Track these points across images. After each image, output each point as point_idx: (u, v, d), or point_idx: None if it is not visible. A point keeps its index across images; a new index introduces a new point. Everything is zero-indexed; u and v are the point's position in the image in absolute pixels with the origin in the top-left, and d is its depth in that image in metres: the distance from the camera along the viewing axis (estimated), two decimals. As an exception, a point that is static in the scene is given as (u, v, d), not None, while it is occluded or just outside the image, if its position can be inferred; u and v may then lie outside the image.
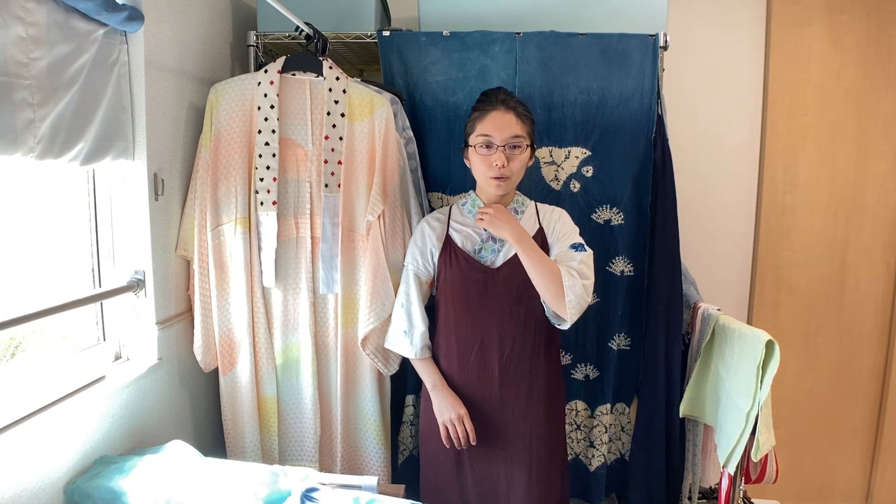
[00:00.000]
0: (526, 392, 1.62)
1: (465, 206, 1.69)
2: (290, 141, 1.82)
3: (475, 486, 1.66)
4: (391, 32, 1.97)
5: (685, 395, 1.92)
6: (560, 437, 1.73)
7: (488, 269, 1.61)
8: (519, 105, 1.59)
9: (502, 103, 1.57)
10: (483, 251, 1.63)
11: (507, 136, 1.54)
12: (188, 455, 1.47)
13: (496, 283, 1.60)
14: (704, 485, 2.04)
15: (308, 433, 1.91)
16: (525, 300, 1.59)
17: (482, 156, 1.56)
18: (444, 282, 1.65)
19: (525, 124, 1.58)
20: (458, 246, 1.63)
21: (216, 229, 1.78)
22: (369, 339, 1.81)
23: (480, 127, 1.57)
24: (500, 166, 1.53)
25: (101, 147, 1.43)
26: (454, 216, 1.69)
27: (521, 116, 1.57)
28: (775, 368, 1.56)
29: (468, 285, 1.61)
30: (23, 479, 1.22)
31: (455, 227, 1.66)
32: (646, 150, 1.95)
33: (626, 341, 2.04)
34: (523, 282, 1.55)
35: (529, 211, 1.67)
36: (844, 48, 2.48)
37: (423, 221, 1.72)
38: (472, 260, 1.62)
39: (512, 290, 1.59)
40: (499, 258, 1.62)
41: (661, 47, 1.93)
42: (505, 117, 1.55)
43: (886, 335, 2.60)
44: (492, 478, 1.65)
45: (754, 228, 2.61)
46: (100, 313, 1.61)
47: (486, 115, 1.56)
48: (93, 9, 1.32)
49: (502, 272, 1.60)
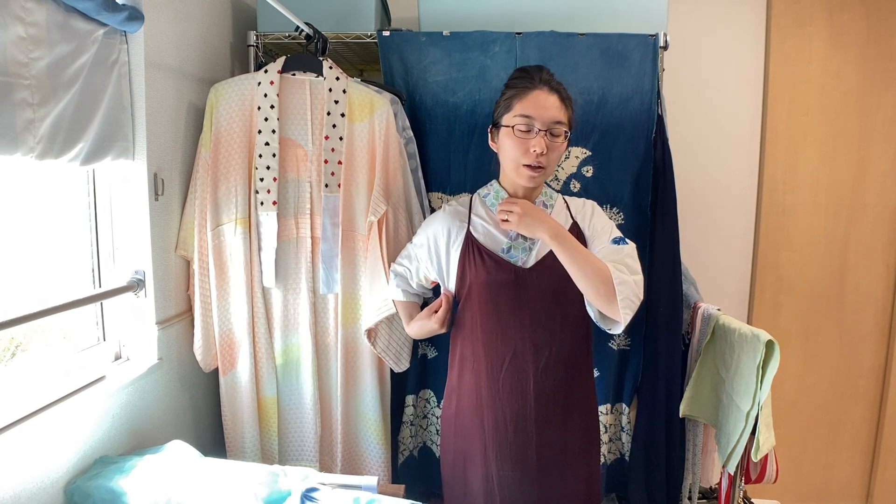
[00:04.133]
0: (563, 410, 1.44)
1: (487, 197, 1.49)
2: (290, 141, 1.82)
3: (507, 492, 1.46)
4: (391, 32, 1.97)
5: (685, 395, 1.92)
6: (595, 459, 1.55)
7: (520, 270, 1.41)
8: (562, 88, 1.41)
9: (545, 83, 1.38)
10: (513, 250, 1.43)
11: (549, 119, 1.34)
12: (188, 455, 1.46)
13: (528, 286, 1.40)
14: (704, 485, 2.04)
15: (308, 433, 1.91)
16: (563, 304, 1.41)
17: (519, 139, 1.35)
18: (467, 287, 1.45)
19: (568, 110, 1.40)
20: (482, 245, 1.43)
21: (216, 229, 1.78)
22: (378, 337, 1.81)
23: (520, 106, 1.36)
24: (539, 153, 1.33)
25: (101, 147, 1.43)
26: (475, 209, 1.48)
27: (564, 101, 1.39)
28: (775, 368, 1.56)
29: (497, 290, 1.41)
30: (23, 479, 1.22)
31: (477, 224, 1.46)
32: (646, 150, 1.95)
33: (626, 341, 2.04)
34: (559, 283, 1.37)
35: (559, 205, 1.48)
36: (844, 48, 2.48)
37: (439, 215, 1.52)
38: (501, 260, 1.42)
39: (547, 293, 1.40)
40: (531, 258, 1.42)
41: (661, 47, 1.93)
42: (550, 99, 1.36)
43: (886, 335, 2.60)
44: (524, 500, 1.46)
45: (754, 228, 2.61)
46: (100, 313, 1.61)
47: (528, 94, 1.37)
48: (93, 9, 1.32)
49: (535, 273, 1.41)
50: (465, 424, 1.50)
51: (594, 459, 1.55)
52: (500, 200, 1.44)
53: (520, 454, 1.43)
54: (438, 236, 1.50)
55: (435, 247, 1.50)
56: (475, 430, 1.47)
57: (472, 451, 1.50)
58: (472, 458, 1.50)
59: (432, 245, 1.50)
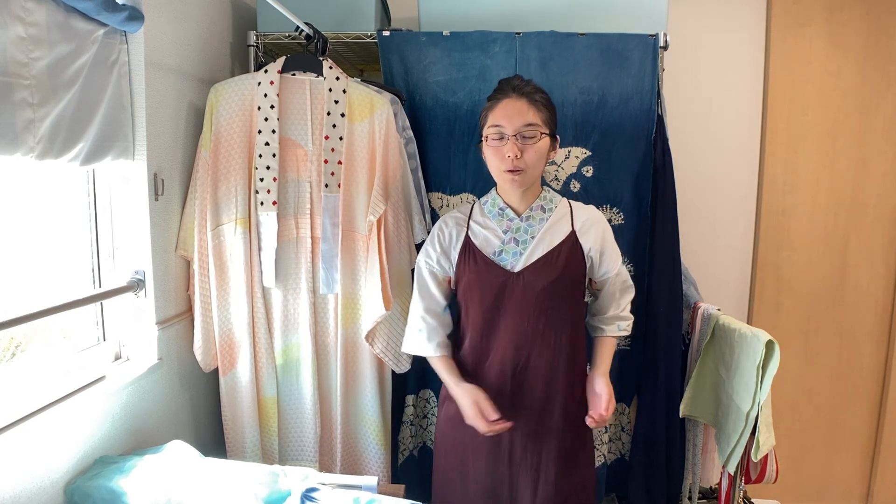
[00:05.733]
0: (539, 412, 1.49)
1: (486, 205, 1.56)
2: (290, 141, 1.82)
3: (482, 502, 1.54)
4: (391, 32, 1.97)
5: (685, 395, 1.92)
6: (579, 463, 1.55)
7: (508, 273, 1.48)
8: (535, 91, 1.45)
9: (514, 90, 1.44)
10: (504, 254, 1.50)
11: (518, 124, 1.41)
12: (188, 455, 1.46)
13: (515, 288, 1.47)
14: (704, 485, 2.04)
15: (308, 433, 1.91)
16: (546, 310, 1.47)
17: (494, 148, 1.44)
18: (462, 284, 1.54)
19: (541, 111, 1.44)
20: (476, 247, 1.52)
21: (216, 229, 1.78)
22: (377, 338, 1.81)
23: (492, 117, 1.45)
24: (513, 158, 1.40)
25: (101, 147, 1.43)
26: (475, 216, 1.56)
27: (535, 103, 1.43)
28: (775, 368, 1.56)
29: (485, 289, 1.49)
30: (23, 479, 1.22)
31: (475, 228, 1.54)
32: (646, 151, 1.95)
33: (626, 341, 2.04)
34: (545, 289, 1.46)
35: (561, 209, 1.53)
36: (844, 48, 2.48)
37: (441, 220, 1.60)
38: (491, 262, 1.49)
39: (531, 297, 1.46)
40: (520, 262, 1.48)
41: (661, 47, 1.93)
42: (516, 104, 1.42)
43: (886, 335, 2.60)
44: (496, 494, 1.53)
45: (754, 228, 2.61)
46: (100, 313, 1.61)
47: (498, 105, 1.44)
48: (93, 9, 1.32)
49: (523, 277, 1.47)
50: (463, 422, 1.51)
51: (583, 459, 1.56)
52: (496, 209, 1.53)
53: (495, 445, 1.51)
54: (445, 233, 1.57)
55: (442, 241, 1.57)
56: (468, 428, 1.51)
57: (472, 447, 1.54)
58: (474, 452, 1.54)
59: (445, 239, 1.57)
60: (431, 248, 1.57)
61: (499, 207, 1.53)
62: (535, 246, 1.48)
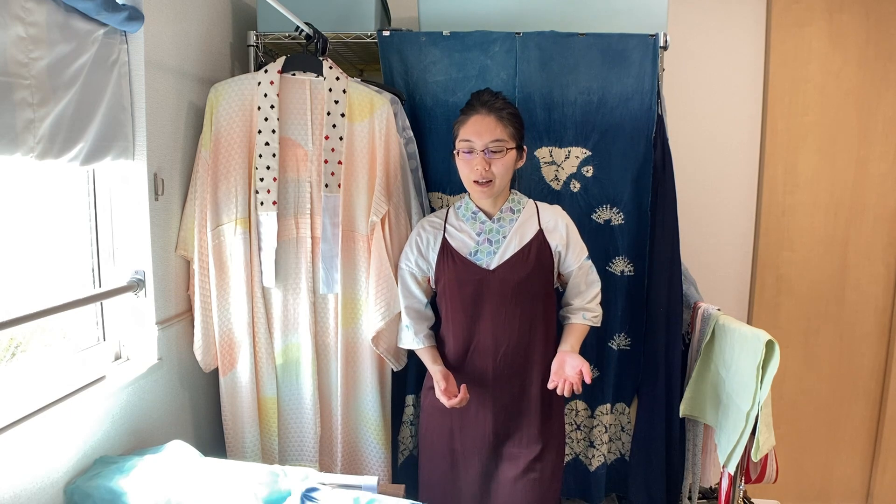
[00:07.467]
0: (519, 394, 1.64)
1: (460, 209, 1.68)
2: (290, 141, 1.82)
3: (469, 486, 1.68)
4: (391, 32, 1.97)
5: (685, 395, 1.92)
6: (553, 440, 1.68)
7: (484, 271, 1.61)
8: (504, 107, 1.57)
9: (483, 105, 1.56)
10: (479, 253, 1.63)
11: (486, 140, 1.53)
12: (188, 455, 1.46)
13: (491, 284, 1.60)
14: (704, 485, 2.04)
15: (308, 433, 1.91)
16: (521, 302, 1.60)
17: (464, 161, 1.57)
18: (442, 284, 1.66)
19: (507, 127, 1.55)
20: (453, 248, 1.64)
21: (216, 229, 1.78)
22: (381, 338, 1.82)
23: (463, 132, 1.57)
24: (481, 171, 1.53)
25: (101, 147, 1.43)
26: (450, 220, 1.69)
27: (502, 119, 1.55)
28: (775, 368, 1.56)
29: (464, 287, 1.61)
30: (23, 479, 1.22)
31: (451, 230, 1.66)
32: (646, 150, 1.95)
33: (626, 341, 2.04)
34: (518, 283, 1.58)
35: (528, 210, 1.66)
36: (844, 48, 2.48)
37: (418, 225, 1.72)
38: (468, 262, 1.62)
39: (507, 291, 1.59)
40: (494, 260, 1.61)
41: (661, 47, 1.93)
42: (485, 121, 1.54)
43: (886, 335, 2.60)
44: (484, 475, 1.66)
45: (754, 228, 2.61)
46: (100, 313, 1.61)
47: (468, 120, 1.56)
48: (93, 9, 1.32)
49: (497, 274, 1.60)
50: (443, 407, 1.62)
51: (551, 448, 1.66)
52: (469, 212, 1.65)
53: (479, 430, 1.65)
54: (423, 238, 1.69)
55: (420, 245, 1.70)
56: (448, 412, 1.64)
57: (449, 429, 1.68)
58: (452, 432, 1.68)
59: (423, 243, 1.69)
60: (410, 252, 1.70)
61: (471, 211, 1.65)
62: (507, 245, 1.61)
